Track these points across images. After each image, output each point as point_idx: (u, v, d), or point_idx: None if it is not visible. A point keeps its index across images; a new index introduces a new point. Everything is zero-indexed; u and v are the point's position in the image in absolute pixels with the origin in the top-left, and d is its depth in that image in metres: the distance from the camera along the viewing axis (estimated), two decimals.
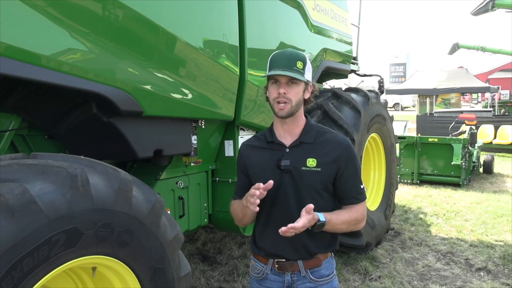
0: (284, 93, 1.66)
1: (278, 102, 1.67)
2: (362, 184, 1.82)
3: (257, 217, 1.87)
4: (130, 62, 2.10)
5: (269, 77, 1.71)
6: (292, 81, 1.67)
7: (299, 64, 1.66)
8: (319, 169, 1.71)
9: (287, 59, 1.66)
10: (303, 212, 1.59)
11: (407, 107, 28.30)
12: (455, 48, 17.70)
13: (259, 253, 1.83)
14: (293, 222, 1.69)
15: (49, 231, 1.38)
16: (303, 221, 1.57)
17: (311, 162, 1.71)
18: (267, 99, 1.76)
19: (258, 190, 1.57)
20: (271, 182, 1.60)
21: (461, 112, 13.85)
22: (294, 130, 1.77)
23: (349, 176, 1.76)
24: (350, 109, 4.03)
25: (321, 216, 1.64)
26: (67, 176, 1.47)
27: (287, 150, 1.75)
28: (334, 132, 1.84)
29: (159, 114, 2.37)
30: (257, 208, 1.60)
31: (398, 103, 29.98)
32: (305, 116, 1.82)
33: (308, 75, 1.71)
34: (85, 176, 1.51)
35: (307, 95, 1.75)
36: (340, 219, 1.71)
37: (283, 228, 1.56)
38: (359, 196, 1.79)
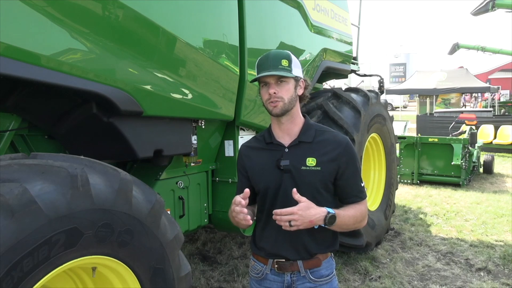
0: (274, 92, 1.66)
1: (271, 102, 1.68)
2: (362, 183, 1.82)
3: (257, 217, 1.87)
4: (130, 62, 2.10)
5: (260, 81, 1.72)
6: (281, 79, 1.67)
7: (284, 62, 1.66)
8: (319, 168, 1.71)
9: (271, 60, 1.67)
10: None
11: (397, 107, 28.28)
12: (455, 48, 17.71)
13: (258, 253, 1.83)
14: None
15: (49, 231, 1.38)
16: (292, 208, 1.57)
17: (311, 162, 1.71)
18: (263, 104, 1.76)
19: (238, 206, 1.60)
20: (247, 190, 1.62)
21: (461, 112, 13.85)
22: (292, 130, 1.77)
23: (350, 175, 1.76)
24: (350, 109, 4.03)
25: (330, 209, 1.64)
26: (67, 176, 1.47)
27: (286, 150, 1.75)
28: (333, 131, 1.84)
29: (159, 114, 2.37)
30: (250, 222, 1.62)
31: (389, 104, 29.87)
32: (304, 115, 1.82)
33: (297, 71, 1.71)
34: (85, 176, 1.51)
35: (300, 91, 1.75)
36: (347, 214, 1.71)
37: (276, 216, 1.57)
38: (360, 195, 1.79)
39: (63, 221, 1.41)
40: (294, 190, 1.59)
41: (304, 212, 1.57)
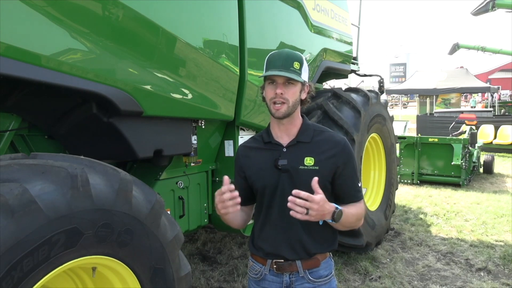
0: (281, 93, 1.66)
1: (275, 103, 1.68)
2: (360, 183, 1.82)
3: (255, 217, 1.87)
4: (130, 62, 2.10)
5: (266, 77, 1.71)
6: (289, 81, 1.67)
7: (296, 65, 1.66)
8: (317, 167, 1.71)
9: (284, 60, 1.66)
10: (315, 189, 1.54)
11: None
12: (455, 48, 17.71)
13: (257, 253, 1.82)
14: (291, 222, 1.69)
15: (49, 231, 1.38)
16: (313, 196, 1.50)
17: (309, 161, 1.71)
18: (264, 99, 1.76)
19: (227, 193, 1.56)
20: (226, 177, 1.58)
21: (461, 112, 13.86)
22: (291, 130, 1.77)
23: (348, 175, 1.76)
24: (350, 109, 4.03)
25: (337, 205, 1.62)
26: (67, 176, 1.47)
27: (285, 149, 1.75)
28: (331, 131, 1.84)
29: (159, 114, 2.37)
30: (237, 208, 1.59)
31: None
32: (302, 116, 1.82)
33: (305, 75, 1.71)
34: (85, 176, 1.51)
35: (303, 96, 1.75)
36: (350, 212, 1.70)
37: (294, 192, 1.51)
38: (357, 194, 1.79)
39: (63, 221, 1.41)
40: (316, 179, 1.54)
41: (323, 206, 1.54)
